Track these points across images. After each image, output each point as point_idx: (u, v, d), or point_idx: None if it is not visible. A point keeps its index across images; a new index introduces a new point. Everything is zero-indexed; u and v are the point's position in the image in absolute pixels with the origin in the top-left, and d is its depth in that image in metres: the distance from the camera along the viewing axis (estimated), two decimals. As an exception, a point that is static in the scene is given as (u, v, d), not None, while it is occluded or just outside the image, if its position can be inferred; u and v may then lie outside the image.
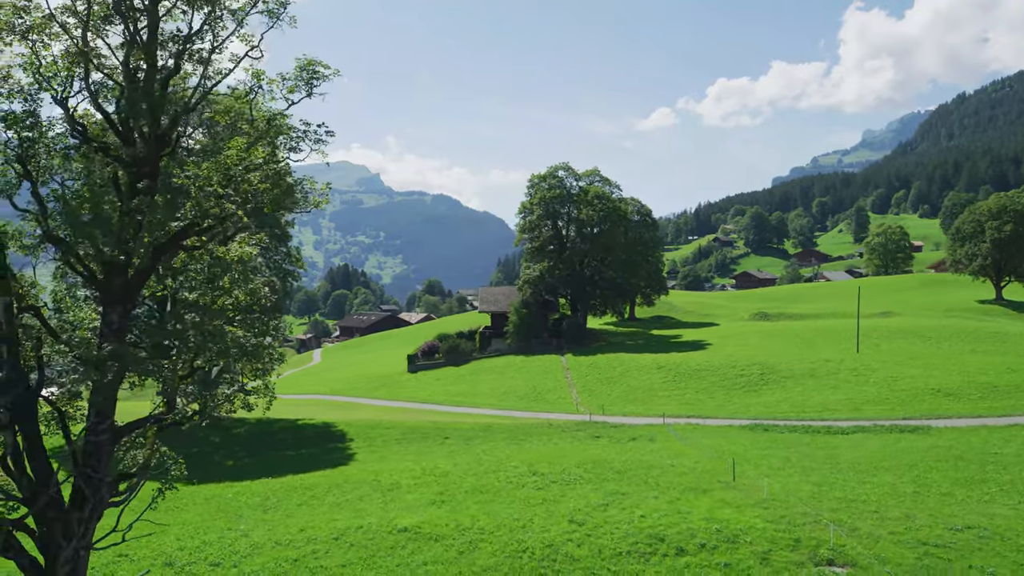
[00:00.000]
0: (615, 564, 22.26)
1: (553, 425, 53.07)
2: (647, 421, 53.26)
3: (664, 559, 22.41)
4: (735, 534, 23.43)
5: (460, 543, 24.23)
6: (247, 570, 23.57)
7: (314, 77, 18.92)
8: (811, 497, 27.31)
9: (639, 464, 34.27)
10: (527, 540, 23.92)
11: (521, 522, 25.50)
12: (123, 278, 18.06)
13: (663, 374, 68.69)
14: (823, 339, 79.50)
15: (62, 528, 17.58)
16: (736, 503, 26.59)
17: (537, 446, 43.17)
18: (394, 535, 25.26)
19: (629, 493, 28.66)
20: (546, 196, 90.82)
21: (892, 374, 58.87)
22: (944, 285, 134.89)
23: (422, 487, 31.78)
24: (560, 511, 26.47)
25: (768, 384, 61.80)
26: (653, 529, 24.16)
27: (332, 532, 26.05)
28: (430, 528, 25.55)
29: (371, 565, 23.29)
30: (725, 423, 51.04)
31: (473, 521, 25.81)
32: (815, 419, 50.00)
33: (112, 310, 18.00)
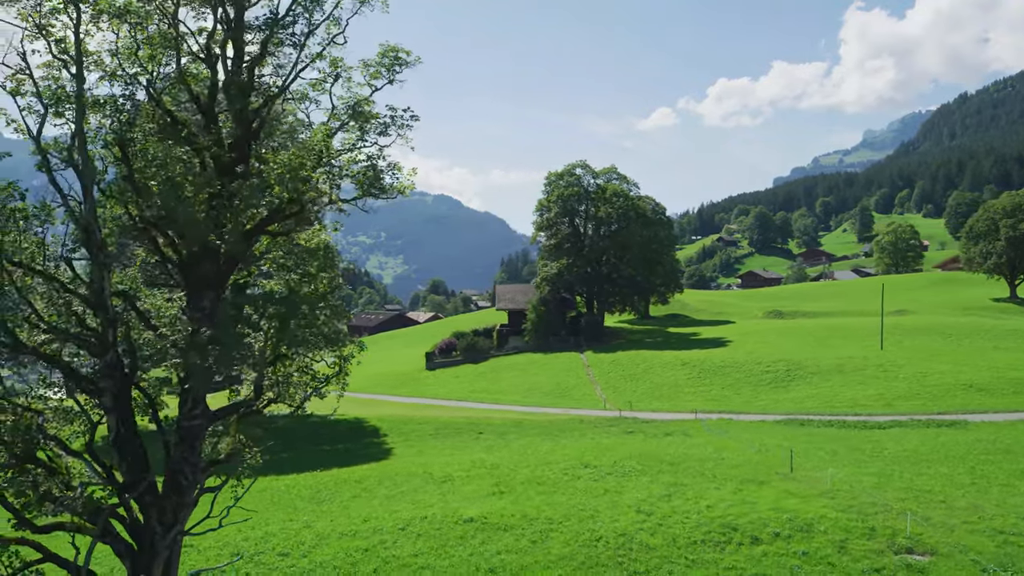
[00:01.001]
0: (691, 553, 22.21)
1: (584, 421, 53.05)
2: (678, 417, 53.23)
3: (740, 548, 22.37)
4: (808, 523, 23.39)
5: (530, 533, 24.18)
6: (318, 559, 23.53)
7: (396, 63, 18.83)
8: (874, 488, 27.27)
9: (688, 457, 34.22)
10: (599, 529, 23.87)
11: (587, 512, 25.45)
12: (215, 264, 18.00)
13: (687, 371, 68.65)
14: (843, 336, 79.48)
15: (157, 514, 17.54)
16: (800, 493, 26.55)
17: (575, 441, 43.10)
18: (460, 525, 25.21)
19: (688, 484, 28.62)
20: (563, 193, 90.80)
21: (920, 370, 58.83)
22: (955, 284, 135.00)
23: (476, 479, 31.73)
24: (624, 502, 26.43)
25: (795, 380, 61.75)
26: (724, 519, 24.12)
27: (396, 523, 26.00)
28: (496, 518, 25.50)
29: (443, 555, 23.23)
30: (757, 418, 51.02)
31: (539, 512, 25.76)
32: (848, 414, 49.99)
33: (203, 296, 17.95)
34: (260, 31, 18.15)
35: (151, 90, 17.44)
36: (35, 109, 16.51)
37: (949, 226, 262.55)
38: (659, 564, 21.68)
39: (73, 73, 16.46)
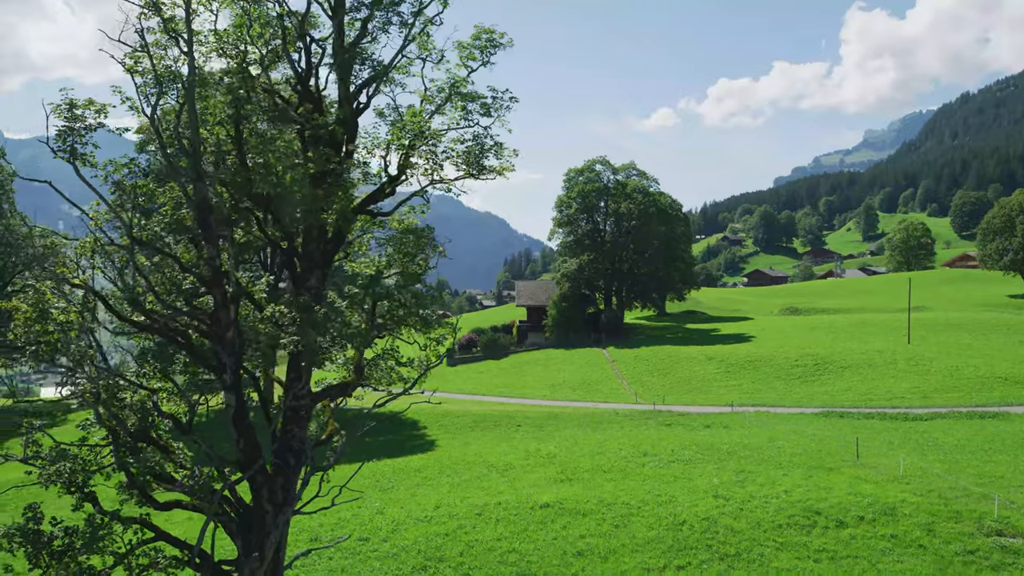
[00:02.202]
0: (778, 535, 22.23)
1: (619, 414, 53.06)
2: (712, 410, 53.24)
3: (826, 531, 22.39)
4: (890, 507, 23.41)
5: (611, 517, 24.18)
6: (400, 544, 23.53)
7: (490, 45, 18.79)
8: (947, 474, 27.29)
9: (744, 446, 34.24)
10: (680, 514, 23.88)
11: (664, 498, 25.46)
12: (322, 243, 18.02)
13: (715, 365, 68.69)
14: (867, 332, 79.55)
15: (268, 493, 17.52)
16: (873, 479, 26.57)
17: (619, 432, 43.09)
18: (537, 510, 25.21)
19: (755, 471, 28.63)
20: (584, 190, 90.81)
21: (952, 364, 58.91)
22: (968, 281, 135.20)
23: (538, 468, 31.73)
24: (698, 487, 26.44)
25: (826, 374, 61.80)
26: (804, 503, 24.13)
27: (471, 508, 26.00)
28: (572, 504, 25.50)
29: (526, 538, 23.24)
30: (795, 411, 51.03)
31: (615, 497, 25.77)
32: (886, 407, 50.05)
33: (310, 275, 17.94)
34: (362, 8, 18.10)
35: (263, 68, 17.41)
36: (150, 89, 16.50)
37: (955, 225, 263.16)
38: (748, 547, 21.70)
39: (184, 51, 16.43)
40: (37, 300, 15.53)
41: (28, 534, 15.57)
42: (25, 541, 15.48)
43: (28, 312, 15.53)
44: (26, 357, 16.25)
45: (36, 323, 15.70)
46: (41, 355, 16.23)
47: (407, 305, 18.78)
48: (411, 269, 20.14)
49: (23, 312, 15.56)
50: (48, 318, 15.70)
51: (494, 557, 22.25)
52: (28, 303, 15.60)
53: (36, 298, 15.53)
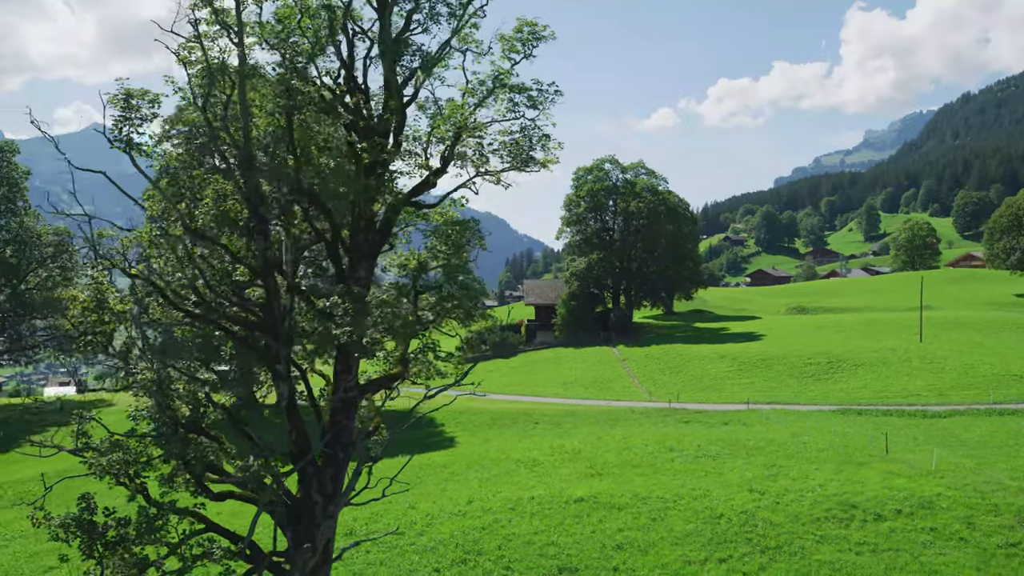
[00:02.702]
0: (817, 529, 22.24)
1: (635, 411, 53.10)
2: (728, 407, 53.23)
3: (864, 524, 22.40)
4: (927, 501, 23.42)
5: (647, 511, 24.19)
6: (437, 537, 23.53)
7: (532, 38, 18.75)
8: (979, 468, 27.29)
9: (769, 442, 34.24)
10: (716, 507, 23.89)
11: (698, 492, 25.46)
12: (369, 234, 18.02)
13: (727, 364, 68.67)
14: (877, 330, 79.57)
15: (317, 484, 17.51)
16: (905, 474, 26.58)
17: (638, 429, 43.08)
18: (572, 504, 25.21)
19: (786, 466, 28.63)
20: (592, 188, 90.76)
21: (966, 362, 58.90)
22: (972, 280, 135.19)
23: (565, 463, 31.73)
24: (732, 481, 26.45)
25: (839, 372, 61.79)
26: (840, 497, 24.15)
27: (504, 503, 26.00)
28: (606, 498, 25.51)
29: (563, 532, 23.25)
30: (812, 408, 51.00)
31: (649, 491, 25.77)
32: (902, 404, 50.04)
33: (359, 266, 17.93)
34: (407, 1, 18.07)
35: (311, 59, 17.39)
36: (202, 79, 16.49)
37: (957, 225, 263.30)
38: (789, 540, 21.71)
39: (234, 41, 16.41)
40: (96, 289, 15.52)
41: (83, 524, 15.56)
42: (81, 532, 15.47)
43: (86, 301, 15.53)
44: (80, 346, 16.23)
45: (93, 312, 15.69)
46: (96, 344, 16.24)
47: (455, 297, 18.78)
48: (454, 261, 20.14)
49: (80, 301, 15.56)
50: (105, 308, 15.69)
51: (533, 550, 22.26)
52: (86, 292, 15.60)
53: (94, 287, 15.53)
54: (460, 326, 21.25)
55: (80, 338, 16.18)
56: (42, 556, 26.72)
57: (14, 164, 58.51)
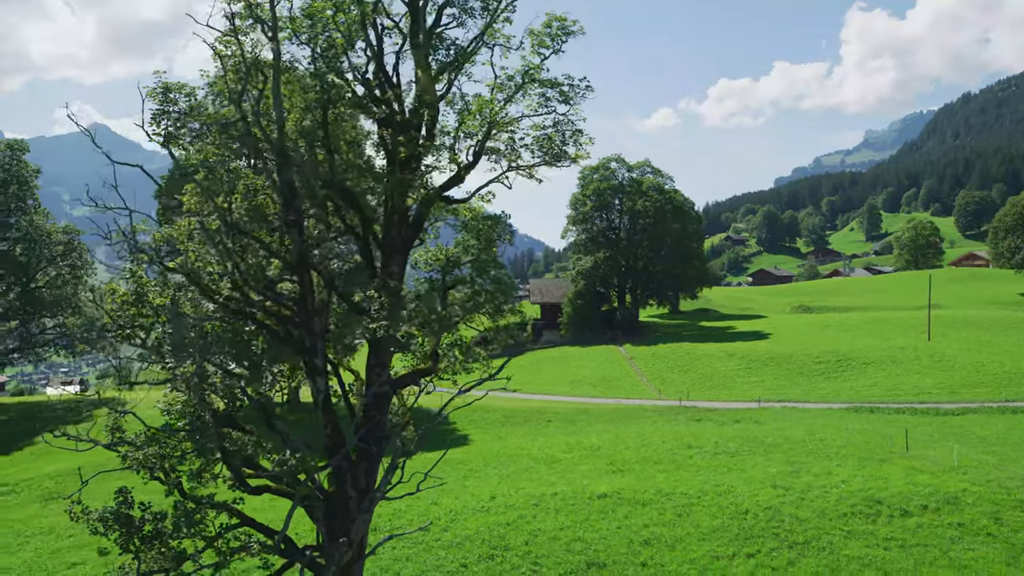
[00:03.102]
0: (844, 524, 22.25)
1: (646, 409, 53.09)
2: (740, 405, 53.26)
3: (891, 520, 22.41)
4: (953, 497, 23.44)
5: (672, 506, 24.20)
6: (462, 533, 23.53)
7: (561, 33, 18.74)
8: (1002, 464, 27.31)
9: (786, 439, 34.24)
10: (742, 503, 23.90)
11: (722, 488, 25.46)
12: (402, 229, 18.02)
13: (735, 362, 68.69)
14: (884, 329, 79.60)
15: (352, 479, 17.50)
16: (928, 470, 26.59)
17: (651, 426, 43.10)
18: (595, 500, 25.22)
19: (806, 463, 28.64)
20: (599, 187, 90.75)
21: (976, 360, 58.94)
22: (975, 279, 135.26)
23: (584, 460, 31.74)
24: (754, 478, 26.45)
25: (848, 370, 61.81)
26: (864, 493, 24.15)
27: (527, 499, 26.00)
28: (630, 494, 25.51)
29: (589, 528, 23.25)
30: (823, 406, 51.03)
31: (672, 487, 25.78)
32: (914, 402, 50.06)
33: (391, 261, 17.93)
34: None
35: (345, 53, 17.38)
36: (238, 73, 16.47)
37: (959, 224, 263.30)
38: (816, 535, 21.72)
39: (269, 36, 16.41)
40: (136, 283, 15.51)
41: (121, 518, 15.56)
42: (119, 525, 15.47)
43: (125, 295, 15.51)
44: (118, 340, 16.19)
45: (132, 306, 15.68)
46: (133, 338, 16.23)
47: (489, 291, 18.79)
48: (485, 256, 20.15)
49: (120, 295, 15.54)
50: (144, 301, 15.68)
51: (560, 546, 22.26)
52: (126, 286, 15.59)
53: (134, 280, 15.51)
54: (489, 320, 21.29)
55: (117, 332, 16.18)
56: (64, 552, 26.70)
57: (24, 162, 58.47)
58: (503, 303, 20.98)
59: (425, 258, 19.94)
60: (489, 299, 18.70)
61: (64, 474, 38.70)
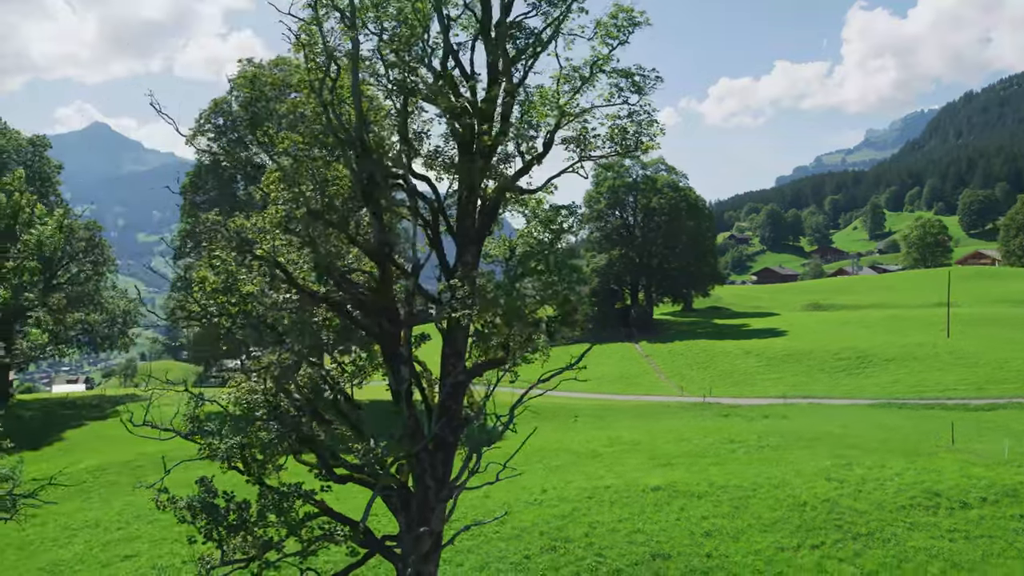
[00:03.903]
0: (905, 516, 22.27)
1: (670, 406, 53.18)
2: (764, 402, 53.25)
3: (952, 512, 22.43)
4: (1011, 489, 23.46)
5: (728, 499, 24.22)
6: (519, 526, 23.55)
7: (628, 24, 18.69)
8: (1052, 457, 27.34)
9: (825, 434, 34.26)
10: (799, 495, 23.91)
11: (775, 481, 25.47)
12: (476, 219, 18.01)
13: (754, 359, 68.72)
14: (900, 326, 79.70)
15: (430, 469, 17.48)
16: (980, 463, 26.62)
17: (681, 422, 43.10)
18: (649, 493, 25.23)
19: (853, 457, 28.64)
20: (613, 185, 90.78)
21: (999, 356, 58.94)
22: (982, 277, 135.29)
23: (627, 454, 31.76)
24: (806, 471, 26.46)
25: (870, 367, 61.84)
26: (921, 486, 24.17)
27: (579, 492, 26.02)
28: (683, 487, 25.53)
29: (648, 519, 23.26)
30: (848, 403, 51.06)
31: (726, 480, 25.79)
32: (941, 397, 50.04)
33: (466, 251, 17.91)
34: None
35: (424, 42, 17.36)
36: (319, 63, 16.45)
37: (963, 223, 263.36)
38: (879, 527, 21.73)
39: (346, 24, 16.38)
40: (226, 271, 15.48)
41: (207, 507, 15.55)
42: (207, 515, 15.46)
43: (215, 282, 15.47)
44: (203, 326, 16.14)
45: (221, 294, 15.65)
46: (219, 326, 16.19)
47: (565, 281, 18.77)
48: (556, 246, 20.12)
49: (210, 282, 15.50)
50: (233, 289, 15.65)
51: (621, 537, 22.27)
52: (216, 273, 15.54)
53: (224, 268, 15.48)
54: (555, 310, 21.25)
55: (202, 320, 16.15)
56: (115, 545, 26.68)
57: (46, 159, 58.46)
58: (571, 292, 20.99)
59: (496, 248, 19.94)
60: (565, 288, 18.70)
61: (99, 469, 38.72)
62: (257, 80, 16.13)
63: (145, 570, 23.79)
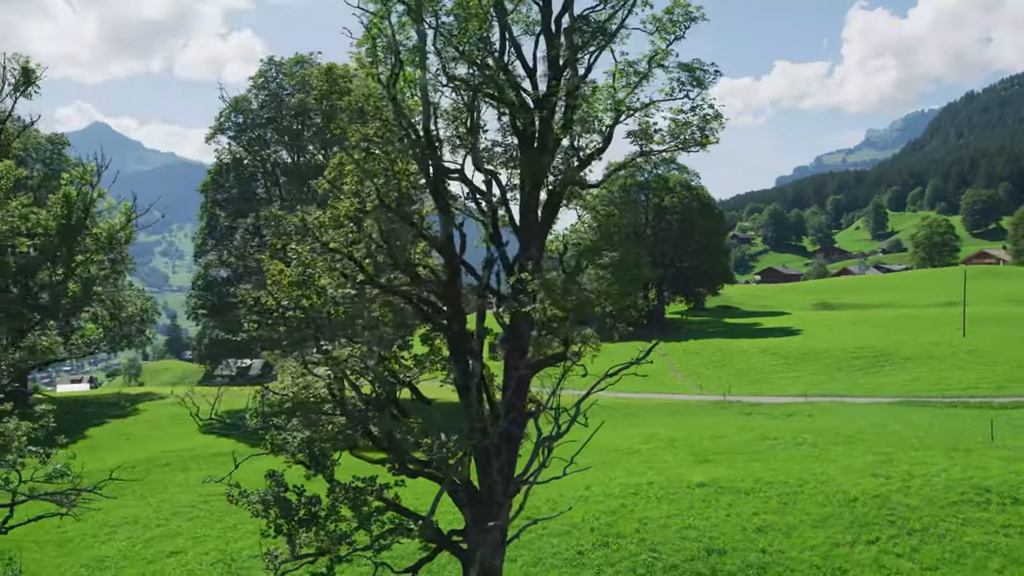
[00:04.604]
0: (957, 512, 22.26)
1: (692, 404, 53.21)
2: (786, 400, 53.22)
3: (1003, 508, 22.42)
4: (1061, 484, 23.41)
5: (775, 495, 24.22)
6: (570, 521, 23.53)
7: (684, 19, 18.65)
8: (1096, 454, 27.33)
9: (860, 432, 34.27)
10: (848, 491, 23.90)
11: (822, 477, 25.46)
12: (542, 213, 18.00)
13: (771, 358, 68.76)
14: (914, 325, 79.79)
15: (497, 464, 17.45)
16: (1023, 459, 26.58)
17: (710, 419, 43.10)
18: (695, 489, 25.22)
19: (893, 453, 28.62)
20: (624, 183, 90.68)
21: (1017, 355, 58.98)
22: (988, 277, 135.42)
23: (664, 451, 31.75)
24: (851, 467, 26.45)
25: (888, 365, 61.88)
26: (969, 481, 24.15)
27: (624, 488, 26.01)
28: (728, 483, 25.51)
29: (697, 515, 23.24)
30: (870, 401, 51.06)
31: (772, 476, 25.78)
32: (963, 396, 50.04)
33: (531, 245, 17.87)
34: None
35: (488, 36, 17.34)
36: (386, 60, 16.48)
37: (966, 223, 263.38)
38: (932, 522, 21.72)
39: (413, 18, 16.37)
40: (301, 263, 15.46)
41: (280, 502, 15.54)
42: (279, 508, 15.46)
43: (292, 275, 15.45)
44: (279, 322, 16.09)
45: (297, 288, 15.63)
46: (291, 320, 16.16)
47: (629, 272, 18.73)
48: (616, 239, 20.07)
49: (287, 275, 15.47)
50: (310, 283, 15.63)
51: (672, 533, 22.25)
52: (292, 266, 15.51)
53: (300, 261, 15.46)
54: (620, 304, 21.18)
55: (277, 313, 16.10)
56: (157, 542, 26.64)
57: (64, 156, 58.37)
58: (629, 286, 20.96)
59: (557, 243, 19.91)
60: (629, 281, 18.69)
61: (127, 465, 38.60)
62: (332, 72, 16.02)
63: (193, 566, 23.75)
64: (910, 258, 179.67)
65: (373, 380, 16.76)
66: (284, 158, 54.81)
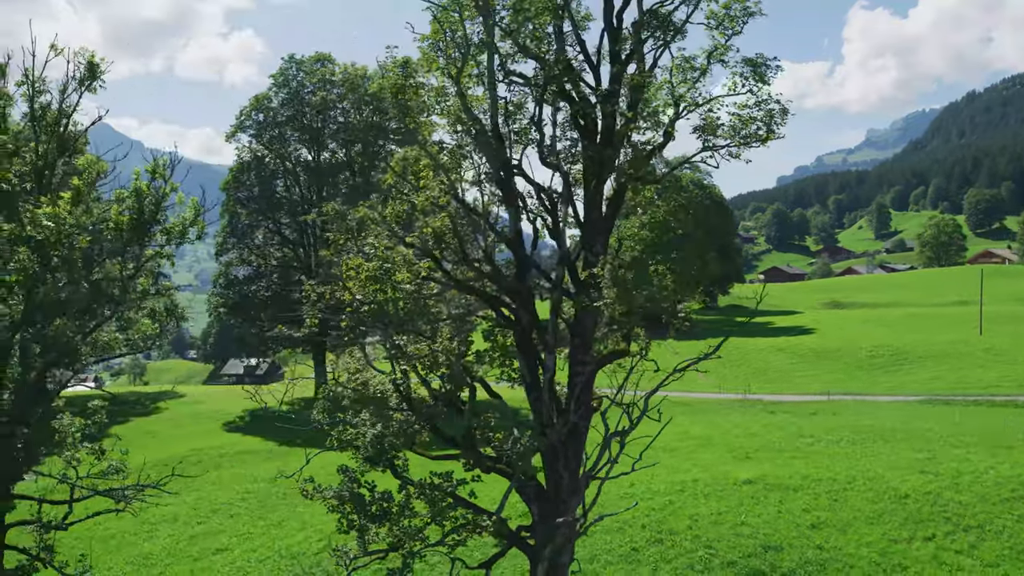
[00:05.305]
0: (1011, 508, 22.23)
1: (710, 402, 53.16)
2: (807, 398, 53.22)
3: (1057, 504, 22.34)
4: (1113, 481, 23.38)
5: (825, 492, 24.17)
6: (621, 518, 23.42)
7: (743, 14, 18.55)
8: None
9: (892, 429, 34.20)
10: (898, 488, 23.85)
11: (870, 474, 25.41)
12: (600, 210, 17.94)
13: (787, 356, 68.77)
14: (929, 324, 79.82)
15: (563, 459, 17.39)
16: (1069, 456, 26.56)
17: (740, 417, 42.99)
18: (743, 486, 25.16)
19: (936, 450, 28.62)
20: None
21: (1037, 353, 59.05)
22: (994, 276, 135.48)
23: (702, 449, 31.70)
24: (897, 464, 26.42)
25: (907, 364, 61.89)
26: (1019, 479, 24.15)
27: (669, 485, 25.93)
28: (775, 480, 25.46)
29: (748, 512, 23.19)
30: (892, 399, 51.02)
31: (820, 473, 25.74)
32: (986, 394, 50.03)
33: (596, 240, 17.79)
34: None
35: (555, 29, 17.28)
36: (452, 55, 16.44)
37: (970, 222, 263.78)
38: (987, 519, 21.69)
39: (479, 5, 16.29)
40: (378, 257, 15.39)
41: (354, 497, 15.52)
42: (355, 504, 15.44)
43: (370, 270, 15.38)
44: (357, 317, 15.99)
45: (374, 283, 15.56)
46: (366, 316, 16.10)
47: (703, 267, 18.66)
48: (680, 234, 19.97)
49: (365, 270, 15.40)
50: (387, 278, 15.55)
51: (726, 530, 22.20)
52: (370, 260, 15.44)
53: (379, 256, 15.39)
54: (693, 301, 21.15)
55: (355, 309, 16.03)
56: (201, 539, 26.58)
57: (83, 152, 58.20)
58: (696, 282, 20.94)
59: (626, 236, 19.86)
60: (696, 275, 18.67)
61: (158, 463, 38.48)
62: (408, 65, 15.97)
63: (241, 563, 23.69)
64: (915, 257, 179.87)
65: (444, 376, 16.68)
66: (305, 156, 54.75)
